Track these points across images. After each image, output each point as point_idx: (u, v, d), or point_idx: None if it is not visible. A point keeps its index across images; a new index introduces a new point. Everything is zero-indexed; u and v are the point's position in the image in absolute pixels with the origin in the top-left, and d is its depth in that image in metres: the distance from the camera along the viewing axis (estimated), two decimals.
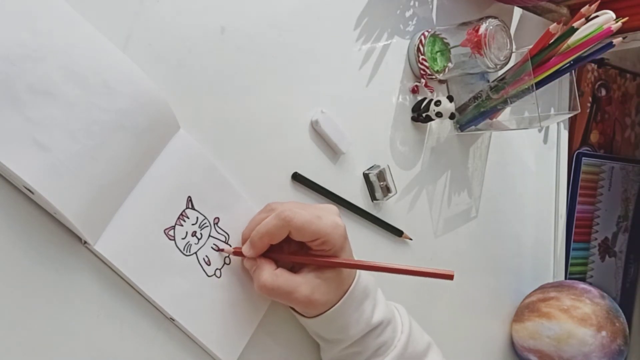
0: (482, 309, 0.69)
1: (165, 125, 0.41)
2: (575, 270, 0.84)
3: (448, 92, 0.63)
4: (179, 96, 0.43)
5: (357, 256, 0.56)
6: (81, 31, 0.37)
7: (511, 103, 0.59)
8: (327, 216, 0.43)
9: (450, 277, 0.40)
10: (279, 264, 0.44)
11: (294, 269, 0.44)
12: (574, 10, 0.77)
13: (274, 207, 0.44)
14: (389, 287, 0.59)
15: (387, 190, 0.55)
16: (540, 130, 0.77)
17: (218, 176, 0.44)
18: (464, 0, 0.65)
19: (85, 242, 0.38)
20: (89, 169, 0.36)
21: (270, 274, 0.42)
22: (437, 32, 0.59)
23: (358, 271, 0.46)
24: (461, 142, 0.66)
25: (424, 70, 0.58)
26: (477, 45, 0.56)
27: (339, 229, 0.43)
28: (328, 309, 0.44)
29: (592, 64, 0.86)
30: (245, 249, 0.43)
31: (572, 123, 0.83)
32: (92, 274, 0.39)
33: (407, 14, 0.60)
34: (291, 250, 0.45)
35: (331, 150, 0.53)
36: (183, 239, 0.42)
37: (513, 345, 0.72)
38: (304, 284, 0.42)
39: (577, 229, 0.84)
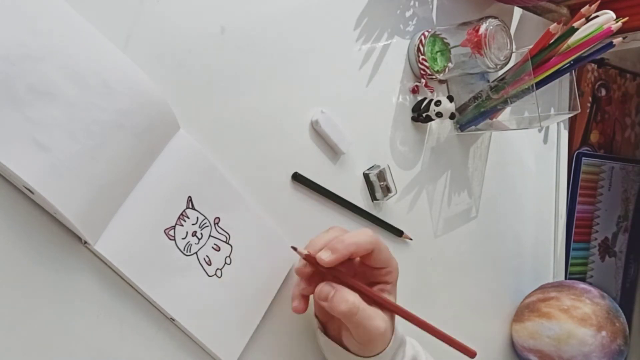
0: (482, 309, 0.69)
1: (165, 125, 0.41)
2: (575, 270, 0.84)
3: (448, 92, 0.63)
4: (179, 96, 0.43)
5: None
6: (81, 31, 0.37)
7: (511, 103, 0.59)
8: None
9: (472, 354, 0.44)
10: None
11: None
12: (574, 10, 0.77)
13: (340, 232, 0.45)
14: None
15: (387, 190, 0.55)
16: (540, 130, 0.77)
17: (218, 176, 0.44)
18: (464, 0, 0.65)
19: (85, 242, 0.38)
20: (89, 169, 0.36)
21: (356, 295, 0.42)
22: (437, 32, 0.59)
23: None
24: (461, 142, 0.66)
25: (424, 70, 0.58)
26: (477, 45, 0.56)
27: (397, 270, 0.46)
28: (381, 351, 0.44)
29: (592, 64, 0.86)
30: (325, 254, 0.42)
31: (572, 123, 0.83)
32: (92, 274, 0.39)
33: (407, 14, 0.60)
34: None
35: (331, 150, 0.53)
36: (183, 238, 0.42)
37: (513, 345, 0.72)
38: (380, 314, 0.43)
39: (577, 229, 0.84)
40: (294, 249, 0.44)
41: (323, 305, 0.43)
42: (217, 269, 0.44)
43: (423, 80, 0.59)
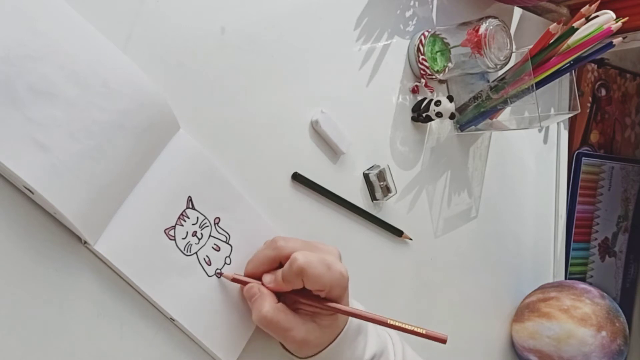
0: (482, 309, 0.69)
1: (166, 125, 0.41)
2: (575, 270, 0.84)
3: (448, 92, 0.63)
4: (179, 96, 0.43)
5: (357, 257, 0.56)
6: (81, 31, 0.37)
7: (511, 103, 0.59)
8: (335, 266, 0.42)
9: (443, 341, 0.40)
10: (280, 299, 0.43)
11: (290, 306, 0.44)
12: (574, 10, 0.77)
13: (280, 247, 0.43)
14: (389, 287, 0.59)
15: (387, 190, 0.55)
16: (540, 130, 0.77)
17: (218, 176, 0.44)
18: (464, 0, 0.65)
19: (85, 242, 0.38)
20: (89, 169, 0.36)
21: (272, 306, 0.42)
22: (437, 32, 0.59)
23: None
24: (461, 142, 0.66)
25: (424, 70, 0.58)
26: (477, 45, 0.56)
27: (343, 281, 0.43)
28: (321, 350, 0.44)
29: (592, 64, 0.86)
30: (268, 281, 0.43)
31: (572, 123, 0.83)
32: (92, 274, 0.39)
33: (407, 14, 0.60)
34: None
35: (331, 150, 0.53)
36: (183, 239, 0.42)
37: (513, 345, 0.72)
38: (301, 324, 0.42)
39: (577, 229, 0.84)
40: (220, 274, 0.44)
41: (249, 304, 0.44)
42: (217, 269, 0.44)
43: (423, 80, 0.59)
